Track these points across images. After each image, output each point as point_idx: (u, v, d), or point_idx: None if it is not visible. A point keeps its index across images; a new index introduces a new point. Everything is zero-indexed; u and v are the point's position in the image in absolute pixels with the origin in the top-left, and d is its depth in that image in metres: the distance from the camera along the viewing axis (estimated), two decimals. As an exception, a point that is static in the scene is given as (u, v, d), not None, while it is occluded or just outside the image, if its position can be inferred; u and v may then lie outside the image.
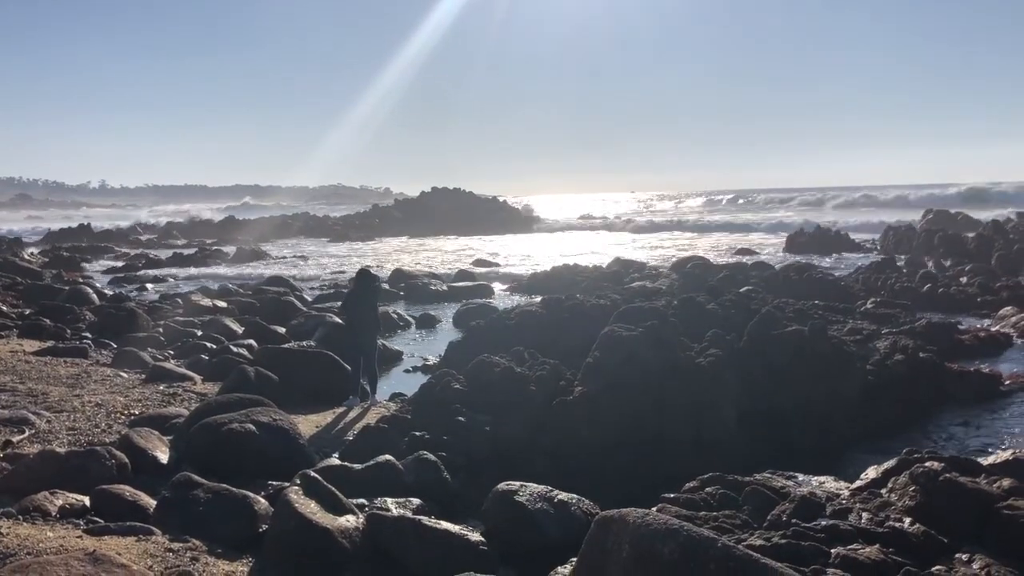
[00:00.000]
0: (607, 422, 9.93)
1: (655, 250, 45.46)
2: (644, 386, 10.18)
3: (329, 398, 12.73)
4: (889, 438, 11.07)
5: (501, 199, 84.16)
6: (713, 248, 44.61)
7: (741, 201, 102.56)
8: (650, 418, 10.03)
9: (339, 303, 18.73)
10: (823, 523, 5.75)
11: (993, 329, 17.80)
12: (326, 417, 11.85)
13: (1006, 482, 6.49)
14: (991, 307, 20.77)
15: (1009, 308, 19.80)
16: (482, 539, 6.77)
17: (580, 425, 9.99)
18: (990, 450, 10.03)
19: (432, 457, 8.79)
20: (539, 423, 10.21)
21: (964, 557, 5.65)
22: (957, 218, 51.82)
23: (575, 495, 7.39)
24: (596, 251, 43.99)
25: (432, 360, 16.42)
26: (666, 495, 6.70)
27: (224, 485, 7.38)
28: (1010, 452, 7.44)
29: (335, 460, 9.35)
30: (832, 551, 5.47)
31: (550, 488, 7.32)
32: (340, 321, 16.94)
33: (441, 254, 46.58)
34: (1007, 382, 13.45)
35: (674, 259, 32.98)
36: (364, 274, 14.03)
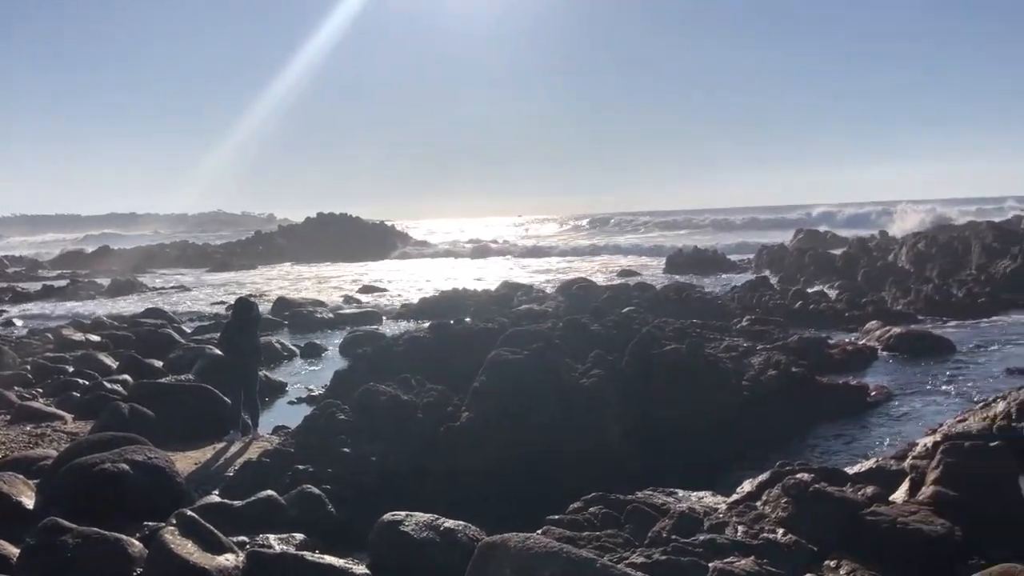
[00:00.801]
0: (495, 446, 9.96)
1: (542, 273, 46.03)
2: (531, 408, 10.28)
3: (209, 433, 12.33)
4: (765, 451, 11.46)
5: (389, 224, 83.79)
6: (598, 270, 45.50)
7: (626, 224, 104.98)
8: (537, 440, 10.13)
9: (219, 334, 18.20)
10: (701, 538, 5.92)
11: (860, 343, 18.75)
12: (206, 453, 11.47)
13: (870, 489, 6.84)
14: (858, 322, 21.88)
15: (874, 322, 20.92)
16: (367, 571, 6.68)
17: (468, 450, 10.00)
18: (858, 459, 10.52)
19: (316, 490, 8.63)
20: (427, 450, 10.16)
21: (832, 563, 5.91)
22: (826, 237, 54.54)
23: (462, 522, 7.37)
24: (485, 275, 44.23)
25: (317, 390, 16.13)
26: (551, 517, 6.77)
27: (95, 529, 7.04)
28: (873, 461, 7.84)
29: (215, 497, 9.06)
30: (710, 565, 5.63)
31: (436, 516, 7.29)
32: (220, 353, 16.45)
33: (327, 281, 45.88)
34: (873, 393, 14.17)
35: (560, 282, 33.48)
36: (243, 303, 13.69)
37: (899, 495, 7.41)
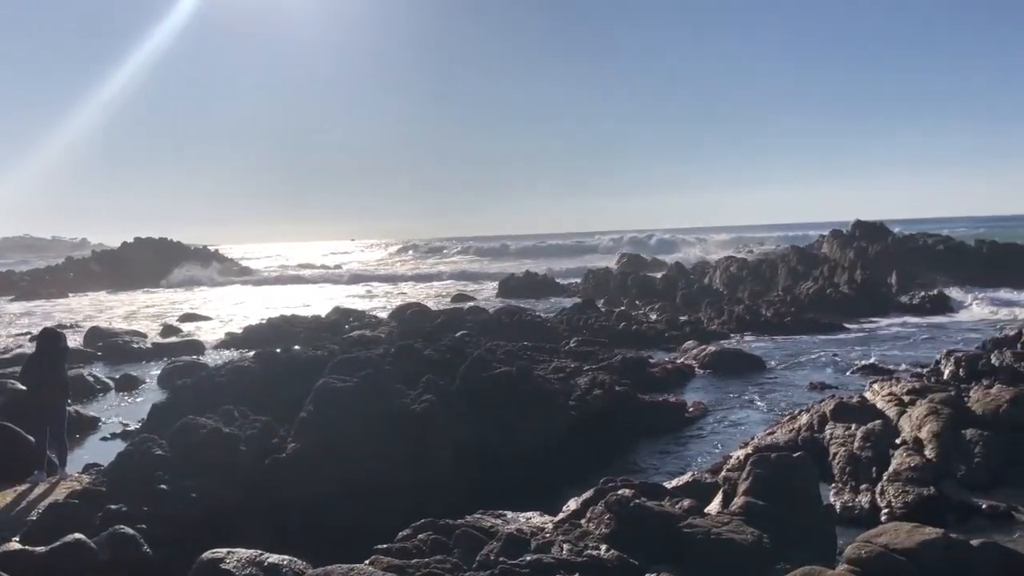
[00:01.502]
0: (322, 476, 9.73)
1: (375, 298, 45.58)
2: (360, 436, 10.12)
3: (10, 474, 11.36)
4: (592, 470, 11.78)
5: (213, 248, 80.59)
6: (432, 295, 45.54)
7: (461, 248, 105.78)
8: (367, 469, 9.98)
9: (21, 368, 16.86)
10: (528, 558, 6.01)
11: (679, 361, 19.67)
12: (6, 496, 10.55)
13: (686, 502, 7.18)
14: (677, 341, 22.98)
15: (691, 342, 22.03)
16: (186, 615, 6.34)
17: (294, 482, 9.72)
18: (677, 474, 11.00)
19: (129, 531, 8.12)
20: (251, 484, 9.80)
21: (653, 576, 6.15)
22: (648, 261, 57.05)
23: (288, 556, 7.14)
24: (315, 300, 43.28)
25: (133, 425, 15.23)
26: (379, 547, 6.68)
27: None
28: (690, 475, 8.24)
29: (15, 544, 8.35)
30: (536, 584, 5.72)
31: (260, 552, 7.02)
32: (22, 388, 15.24)
33: (146, 309, 43.54)
34: (691, 410, 14.88)
35: (394, 307, 33.24)
36: (48, 334, 12.77)
37: (714, 506, 7.82)
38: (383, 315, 29.90)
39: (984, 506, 8.76)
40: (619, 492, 6.98)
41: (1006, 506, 8.76)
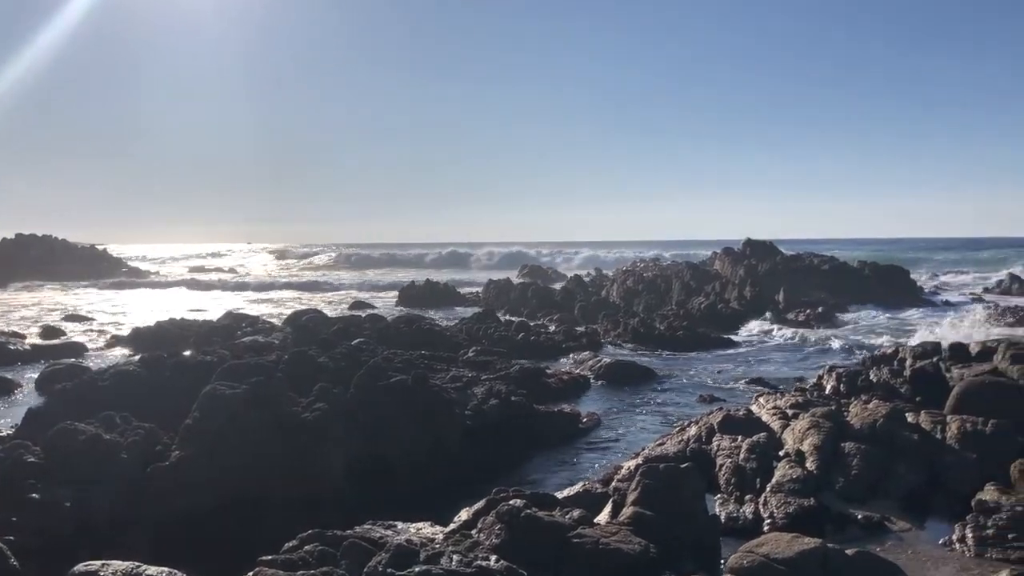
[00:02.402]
0: (208, 486, 9.45)
1: (271, 304, 44.59)
2: (247, 445, 9.86)
3: None
4: (486, 480, 11.78)
5: (101, 247, 77.45)
6: (330, 301, 44.84)
7: (363, 255, 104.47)
8: (255, 478, 9.73)
9: None
10: (417, 569, 5.95)
11: (575, 372, 19.90)
12: None
13: (576, 512, 7.24)
14: (574, 351, 23.26)
15: (587, 353, 22.34)
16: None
17: (178, 491, 9.40)
18: (569, 484, 11.10)
19: (-4, 543, 7.67)
20: (132, 492, 9.42)
21: (541, 586, 6.17)
22: (548, 273, 57.68)
23: (167, 568, 6.87)
24: (208, 304, 42.04)
25: (5, 431, 14.44)
26: (263, 558, 6.50)
27: None
28: (580, 485, 8.32)
29: None
30: (425, 596, 5.67)
31: (138, 564, 6.73)
32: None
33: (25, 309, 41.45)
34: (584, 420, 15.06)
35: (289, 312, 32.56)
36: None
37: (603, 516, 7.92)
38: (278, 321, 29.25)
39: (860, 516, 9.14)
40: (510, 502, 7.00)
41: (880, 516, 9.16)
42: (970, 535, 8.50)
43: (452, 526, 7.19)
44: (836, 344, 25.42)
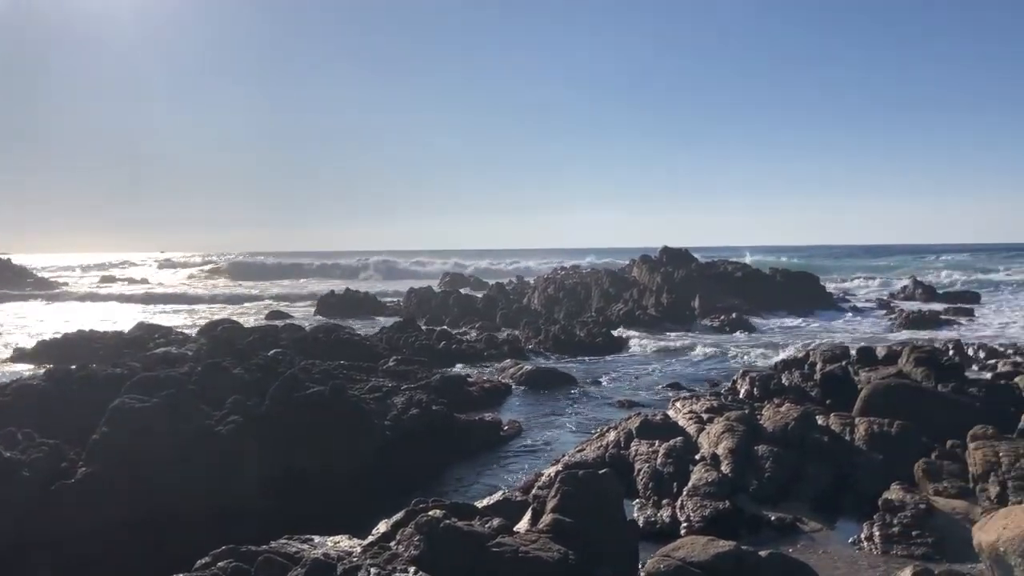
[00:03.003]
0: (116, 502, 9.12)
1: (184, 315, 43.42)
2: (158, 460, 9.56)
3: None
4: (406, 491, 11.65)
5: (5, 257, 74.32)
6: (246, 312, 43.91)
7: (281, 264, 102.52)
8: (166, 493, 9.43)
9: None
10: (333, 584, 5.84)
11: (496, 379, 19.91)
12: None
13: (496, 521, 7.22)
14: (495, 359, 23.28)
15: (509, 360, 22.37)
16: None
17: (85, 509, 9.04)
18: (490, 493, 11.07)
19: None
20: (34, 513, 9.02)
21: (460, 597, 6.13)
22: (470, 280, 57.66)
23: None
24: (118, 316, 40.71)
25: None
26: (176, 575, 6.31)
27: None
28: (500, 493, 8.31)
29: None
30: (342, 611, 5.56)
31: (39, 588, 6.47)
32: None
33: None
34: (506, 428, 15.07)
35: (203, 323, 31.76)
36: None
37: (523, 525, 7.92)
38: (192, 332, 28.49)
39: (773, 518, 9.37)
40: (429, 513, 6.93)
41: (792, 518, 9.41)
42: (877, 534, 8.79)
43: (370, 539, 7.09)
44: (750, 349, 26.04)
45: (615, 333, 28.53)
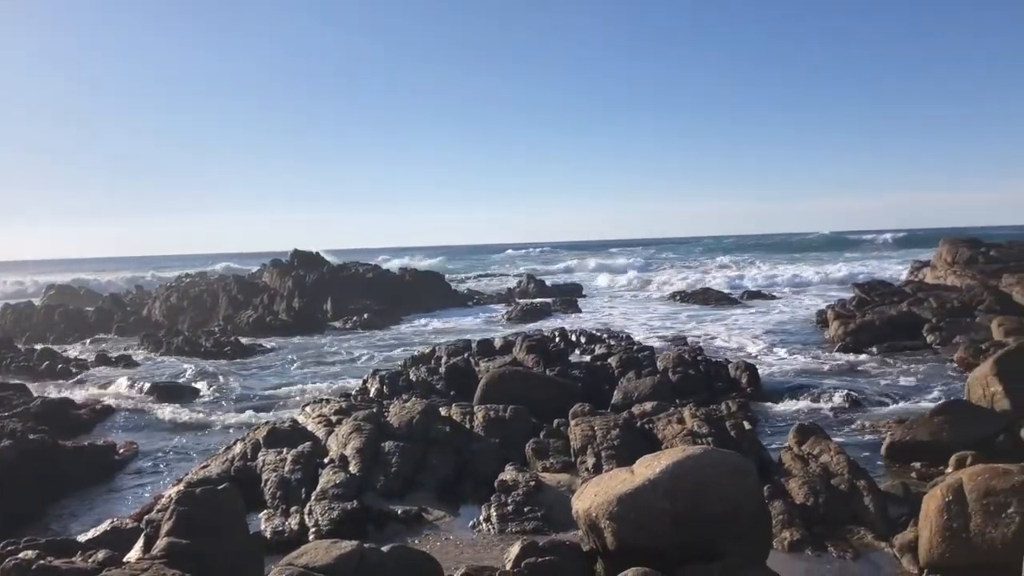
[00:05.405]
0: None
1: None
2: None
3: None
4: (4, 534, 10.31)
5: None
6: None
7: None
8: None
9: None
10: None
11: (105, 401, 18.23)
12: None
13: (101, 554, 6.63)
14: (112, 378, 21.35)
15: (125, 377, 20.66)
16: None
17: None
18: (100, 524, 10.14)
19: None
20: None
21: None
22: (80, 292, 52.38)
23: None
24: None
25: None
26: None
27: None
28: (108, 523, 7.66)
29: None
30: None
31: None
32: None
33: None
34: (121, 451, 13.88)
35: None
36: None
37: (134, 553, 7.36)
38: None
39: (400, 512, 9.64)
40: (20, 555, 6.17)
41: (417, 509, 9.75)
42: (494, 514, 9.43)
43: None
44: (384, 345, 26.61)
45: (245, 341, 27.56)
